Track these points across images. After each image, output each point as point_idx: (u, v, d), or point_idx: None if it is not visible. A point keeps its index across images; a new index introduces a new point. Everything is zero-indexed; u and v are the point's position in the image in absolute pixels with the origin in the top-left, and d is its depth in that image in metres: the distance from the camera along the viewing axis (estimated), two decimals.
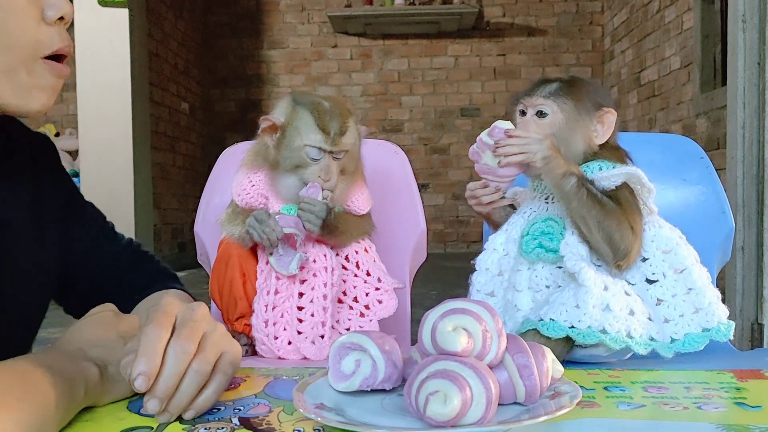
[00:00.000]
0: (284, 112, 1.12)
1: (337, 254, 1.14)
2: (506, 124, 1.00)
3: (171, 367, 0.61)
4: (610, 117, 1.01)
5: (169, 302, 0.66)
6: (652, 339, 0.91)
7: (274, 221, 1.05)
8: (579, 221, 0.94)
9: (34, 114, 0.73)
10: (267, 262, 1.10)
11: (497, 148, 0.99)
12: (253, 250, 1.13)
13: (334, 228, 1.09)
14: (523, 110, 1.03)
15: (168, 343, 0.62)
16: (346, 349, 0.68)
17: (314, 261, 1.10)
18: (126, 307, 0.90)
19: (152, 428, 0.61)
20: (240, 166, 1.18)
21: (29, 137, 0.88)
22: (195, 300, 0.94)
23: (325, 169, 1.08)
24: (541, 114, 1.01)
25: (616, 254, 0.93)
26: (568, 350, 0.91)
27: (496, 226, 1.08)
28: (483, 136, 1.02)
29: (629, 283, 0.95)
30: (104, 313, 0.73)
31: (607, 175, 0.96)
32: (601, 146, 1.02)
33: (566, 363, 0.88)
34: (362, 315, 1.13)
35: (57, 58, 0.73)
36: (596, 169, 0.98)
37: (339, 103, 1.12)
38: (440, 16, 5.96)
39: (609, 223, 0.92)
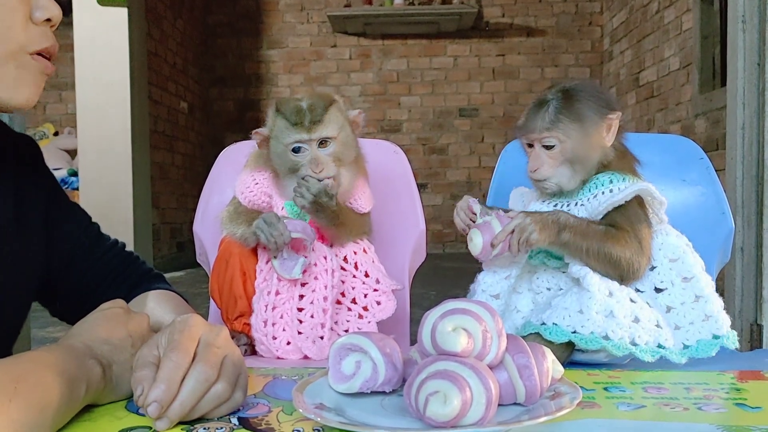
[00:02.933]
0: (269, 122, 1.12)
1: (336, 254, 1.14)
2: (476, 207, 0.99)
3: (190, 393, 0.61)
4: (616, 122, 1.00)
5: (194, 323, 0.66)
6: (660, 346, 0.90)
7: (283, 225, 1.04)
8: (585, 257, 0.94)
9: (20, 108, 0.73)
10: (267, 262, 1.10)
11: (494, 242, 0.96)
12: (254, 249, 1.12)
13: (332, 215, 1.08)
14: (530, 143, 1.00)
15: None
16: (347, 350, 0.68)
17: (315, 264, 1.09)
18: None
19: (150, 428, 0.60)
20: (244, 167, 1.18)
21: (12, 138, 0.88)
22: (183, 297, 0.94)
23: (314, 161, 1.07)
24: (548, 147, 0.98)
25: (623, 277, 0.94)
26: (569, 354, 0.90)
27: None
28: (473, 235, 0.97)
29: (638, 290, 0.95)
30: (114, 309, 0.73)
31: (617, 192, 0.95)
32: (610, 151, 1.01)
33: (566, 364, 0.88)
34: (361, 316, 1.13)
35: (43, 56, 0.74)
36: (607, 182, 0.97)
37: (320, 95, 1.11)
38: (439, 16, 5.96)
39: (611, 249, 0.92)
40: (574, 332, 0.87)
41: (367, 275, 1.14)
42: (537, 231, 0.92)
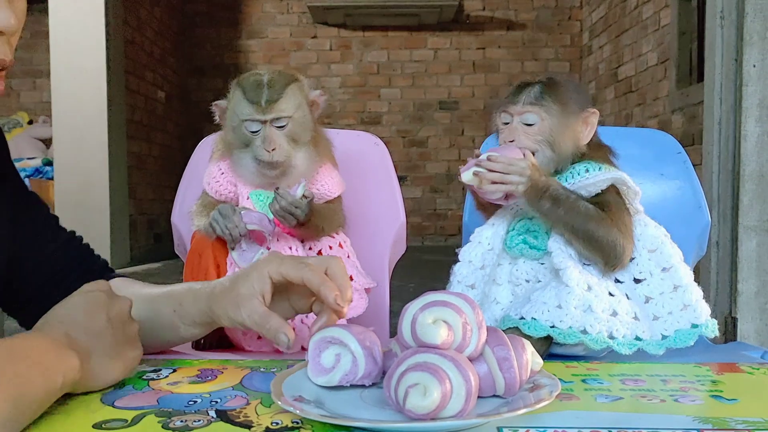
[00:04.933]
0: (229, 94, 1.11)
1: (310, 248, 1.13)
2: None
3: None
4: (593, 118, 1.01)
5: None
6: (638, 338, 0.91)
7: (238, 217, 1.03)
8: (567, 232, 0.94)
9: None
10: None
11: (477, 166, 0.96)
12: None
13: (308, 221, 1.08)
14: (506, 122, 1.01)
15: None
16: (326, 343, 0.68)
17: None
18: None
19: (126, 421, 0.59)
20: (210, 158, 1.17)
21: None
22: None
23: (267, 139, 1.05)
24: (528, 124, 0.98)
25: (608, 261, 0.94)
26: (547, 347, 0.91)
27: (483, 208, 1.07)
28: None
29: (618, 281, 0.96)
30: (96, 293, 0.70)
31: (593, 180, 0.96)
32: (586, 145, 1.02)
33: (545, 356, 0.89)
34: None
35: None
36: (583, 171, 0.97)
37: (283, 72, 1.11)
38: (420, 8, 5.94)
39: (595, 230, 0.92)
40: (553, 327, 0.88)
41: None
42: (525, 191, 0.93)
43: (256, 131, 1.07)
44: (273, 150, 1.05)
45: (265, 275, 0.73)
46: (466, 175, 0.97)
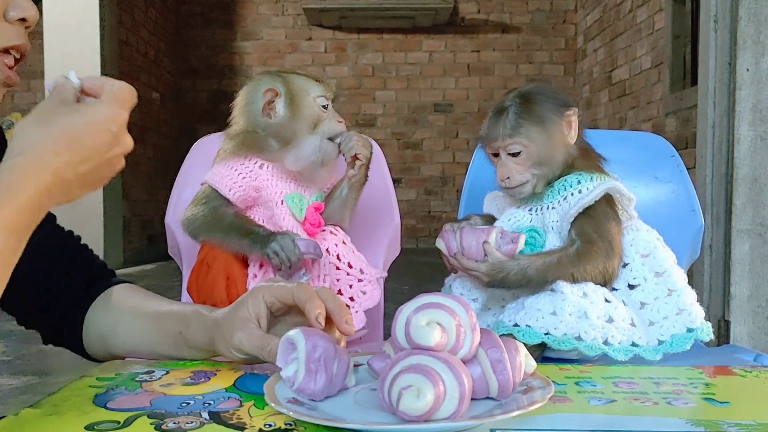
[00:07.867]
0: (270, 85, 1.11)
1: (328, 253, 1.13)
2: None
3: None
4: (574, 117, 1.00)
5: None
6: (634, 344, 0.91)
7: (298, 249, 1.04)
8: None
9: None
10: (261, 267, 1.08)
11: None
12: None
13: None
14: (495, 153, 1.00)
15: None
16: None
17: (310, 270, 1.09)
18: (68, 302, 0.88)
19: (119, 422, 0.59)
20: (218, 159, 1.14)
21: None
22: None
23: (336, 114, 1.13)
24: (514, 154, 0.98)
25: (604, 285, 0.94)
26: (541, 352, 0.91)
27: None
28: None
29: (613, 288, 0.96)
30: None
31: (586, 192, 0.95)
32: (575, 147, 1.01)
33: (539, 360, 0.89)
34: (347, 307, 1.12)
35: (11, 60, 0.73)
36: (575, 183, 0.97)
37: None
38: (415, 11, 5.96)
39: (586, 270, 0.93)
40: (547, 334, 0.88)
41: (350, 266, 1.14)
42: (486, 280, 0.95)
43: (326, 108, 1.12)
44: (341, 122, 1.12)
45: (260, 300, 0.74)
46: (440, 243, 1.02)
